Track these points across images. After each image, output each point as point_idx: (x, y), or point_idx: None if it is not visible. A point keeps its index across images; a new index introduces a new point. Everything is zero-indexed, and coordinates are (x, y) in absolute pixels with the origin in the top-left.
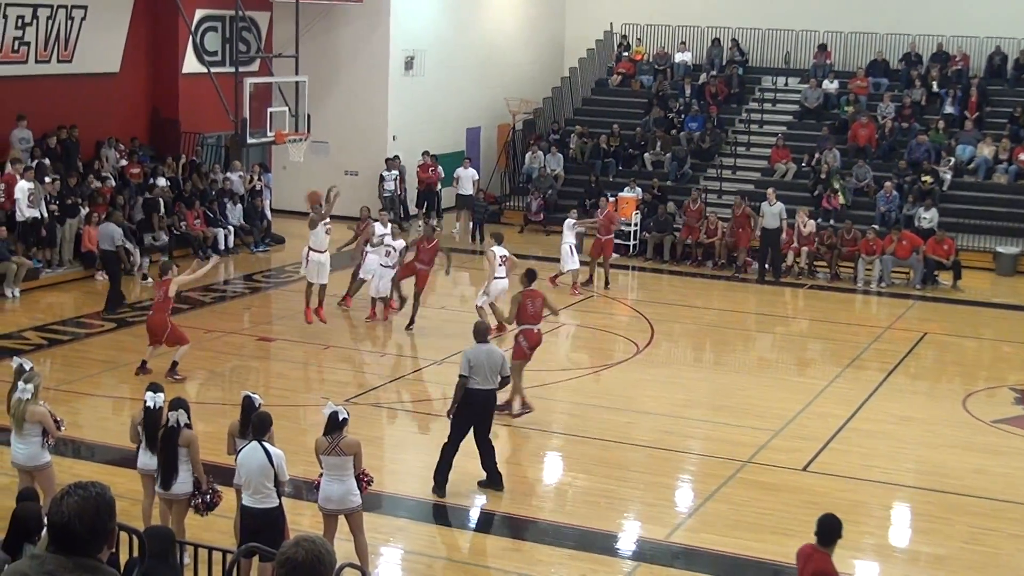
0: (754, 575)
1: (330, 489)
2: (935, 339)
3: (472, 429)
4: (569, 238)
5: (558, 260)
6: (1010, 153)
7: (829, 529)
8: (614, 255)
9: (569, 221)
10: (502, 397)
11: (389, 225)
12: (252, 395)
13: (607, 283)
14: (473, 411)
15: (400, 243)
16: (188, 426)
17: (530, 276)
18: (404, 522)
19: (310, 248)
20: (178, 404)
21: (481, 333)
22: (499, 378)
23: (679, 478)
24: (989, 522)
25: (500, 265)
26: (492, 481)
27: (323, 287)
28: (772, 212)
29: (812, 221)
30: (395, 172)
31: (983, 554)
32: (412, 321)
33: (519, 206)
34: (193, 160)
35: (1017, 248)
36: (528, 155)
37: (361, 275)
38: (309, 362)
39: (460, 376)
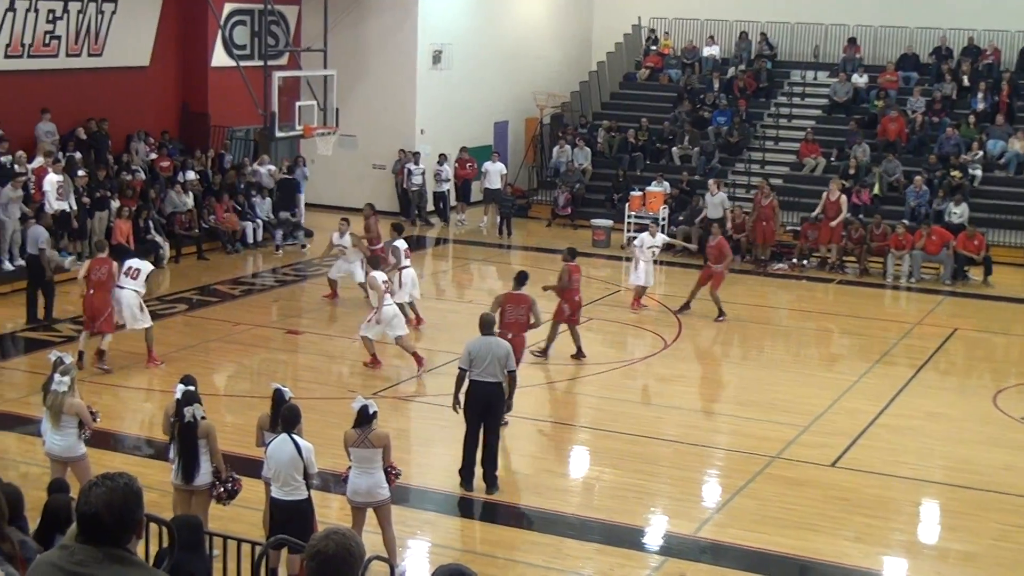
0: (781, 571)
1: (358, 482)
2: (965, 335)
3: (481, 423)
4: (646, 255)
5: (587, 255)
6: None
7: None
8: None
9: (651, 237)
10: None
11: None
12: (282, 388)
13: (721, 313)
14: (477, 403)
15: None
16: (203, 417)
17: (519, 280)
18: (431, 515)
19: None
20: (192, 399)
21: (487, 325)
22: (504, 371)
23: (707, 473)
24: (1019, 519)
25: (405, 257)
26: (485, 479)
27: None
28: (714, 202)
29: (843, 196)
30: (423, 166)
31: (1013, 551)
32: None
33: (546, 200)
34: (223, 154)
35: None
36: (555, 149)
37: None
38: (337, 355)
39: (460, 368)
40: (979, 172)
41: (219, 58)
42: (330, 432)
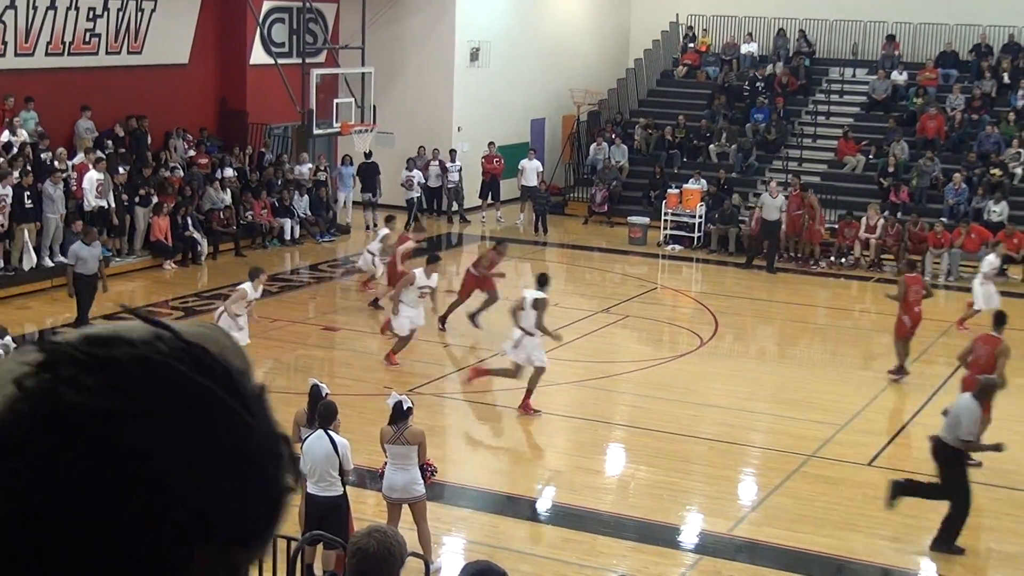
0: (817, 570)
1: (394, 478)
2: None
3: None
4: (987, 285)
5: (624, 252)
6: None
7: None
8: (677, 247)
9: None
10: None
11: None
12: (319, 384)
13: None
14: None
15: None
16: None
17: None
18: (466, 512)
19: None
20: None
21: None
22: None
23: (742, 471)
24: None
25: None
26: None
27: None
28: (774, 205)
29: (881, 220)
30: (459, 163)
31: None
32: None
33: (583, 197)
34: (262, 152)
35: None
36: (593, 146)
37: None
38: (373, 352)
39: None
40: (1019, 170)
41: (257, 56)
42: (366, 428)
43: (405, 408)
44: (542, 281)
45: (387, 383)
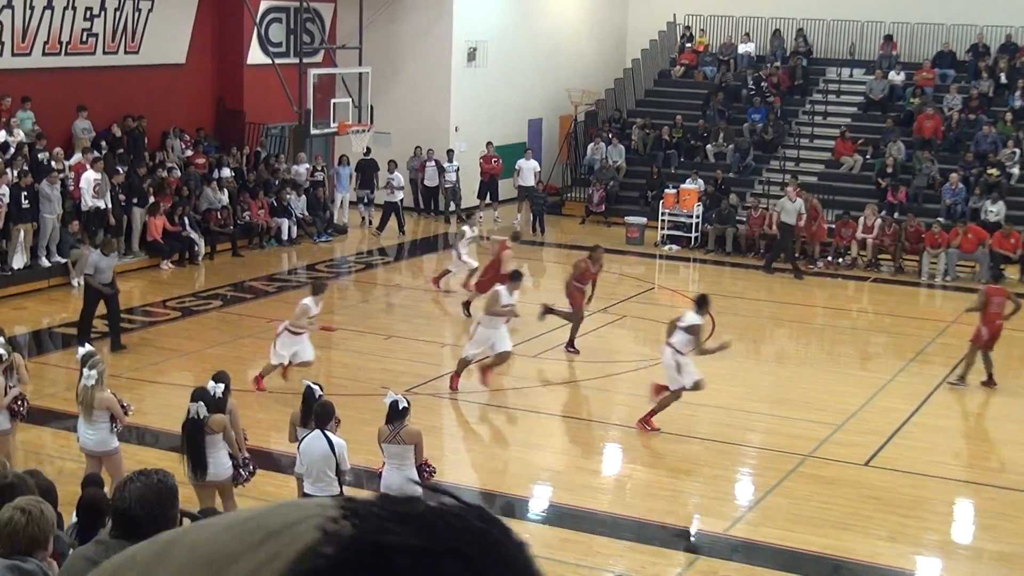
0: (814, 570)
1: (390, 477)
2: (1001, 334)
3: None
4: None
5: (621, 252)
6: None
7: None
8: (674, 247)
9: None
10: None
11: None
12: (312, 385)
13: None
14: None
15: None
16: (220, 409)
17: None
18: None
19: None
20: (198, 396)
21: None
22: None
23: (739, 471)
24: None
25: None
26: None
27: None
28: (793, 209)
29: (879, 220)
30: (457, 163)
31: None
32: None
33: (580, 197)
34: (258, 151)
35: None
36: (590, 146)
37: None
38: (370, 352)
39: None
40: (1016, 170)
41: (255, 55)
42: (363, 429)
43: (401, 408)
44: (700, 303)
45: (384, 383)
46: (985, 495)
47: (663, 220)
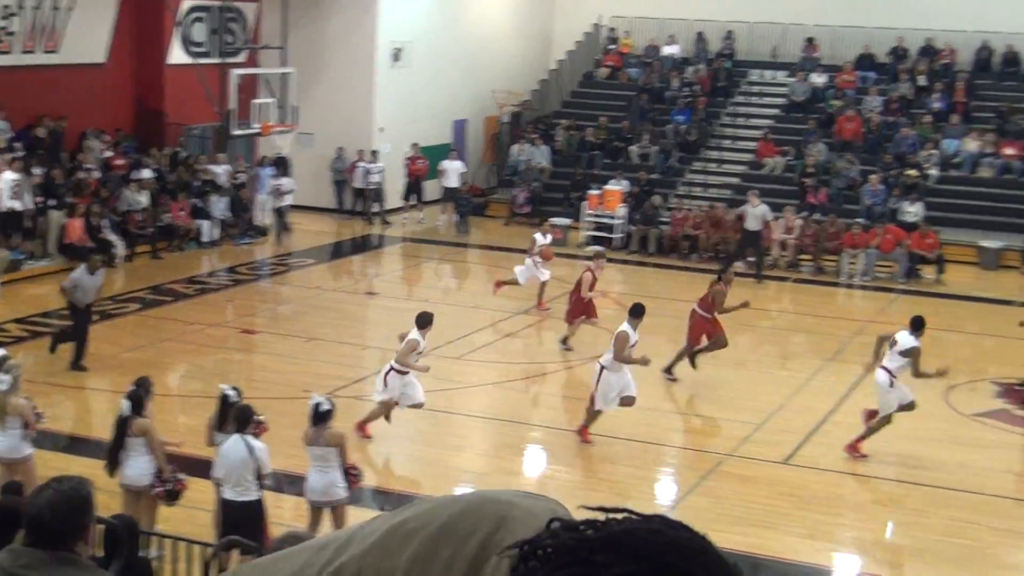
0: None
1: (314, 480)
2: None
3: None
4: None
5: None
6: (996, 147)
7: None
8: (599, 247)
9: None
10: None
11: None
12: (228, 391)
13: None
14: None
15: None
16: (140, 414)
17: None
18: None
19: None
20: (129, 395)
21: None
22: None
23: (660, 471)
24: (968, 515)
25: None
26: None
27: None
28: (755, 214)
29: (799, 221)
30: (382, 164)
31: (962, 547)
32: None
33: (505, 198)
34: (178, 152)
35: (1000, 242)
36: (515, 147)
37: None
38: (292, 355)
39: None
40: (934, 171)
41: (176, 55)
42: (285, 432)
43: (323, 410)
44: (916, 325)
45: (307, 386)
46: (901, 491)
47: (587, 221)
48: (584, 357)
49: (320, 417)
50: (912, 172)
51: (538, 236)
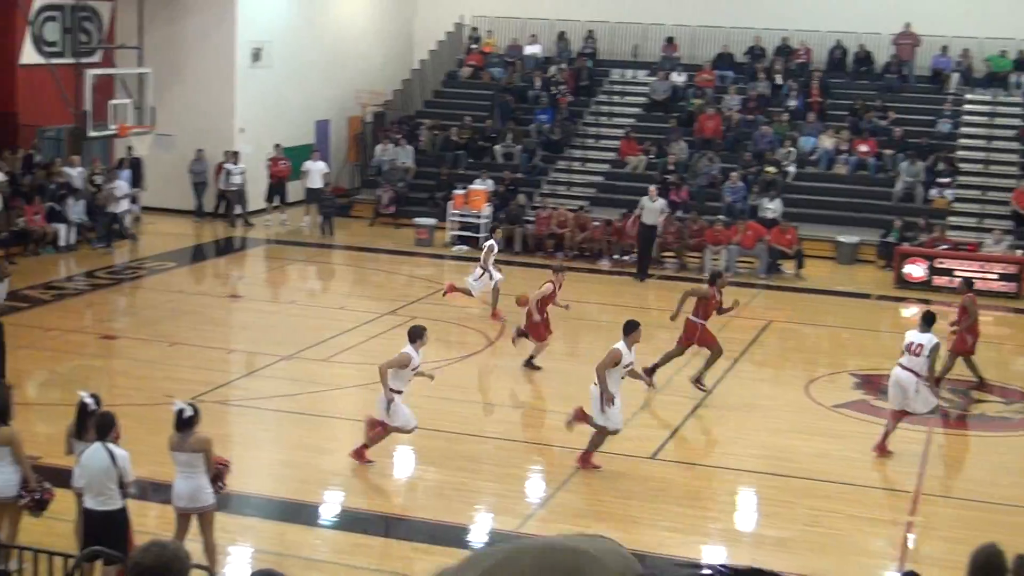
0: None
1: (181, 486)
2: (779, 327)
3: None
4: None
5: (410, 253)
6: (850, 144)
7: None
8: (463, 248)
9: None
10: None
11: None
12: (87, 396)
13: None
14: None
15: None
16: (4, 423)
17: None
18: (253, 520)
19: None
20: None
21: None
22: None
23: (529, 469)
24: (830, 504)
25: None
26: None
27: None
28: (653, 208)
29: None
30: (243, 166)
31: (824, 535)
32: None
33: (370, 199)
34: (31, 154)
35: (856, 237)
36: (378, 148)
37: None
38: (155, 360)
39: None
40: (792, 168)
41: (29, 55)
42: (149, 439)
43: (187, 416)
44: (929, 321)
45: (170, 391)
46: (765, 483)
47: (452, 221)
48: (452, 358)
49: (184, 423)
50: (771, 169)
51: (492, 243)
